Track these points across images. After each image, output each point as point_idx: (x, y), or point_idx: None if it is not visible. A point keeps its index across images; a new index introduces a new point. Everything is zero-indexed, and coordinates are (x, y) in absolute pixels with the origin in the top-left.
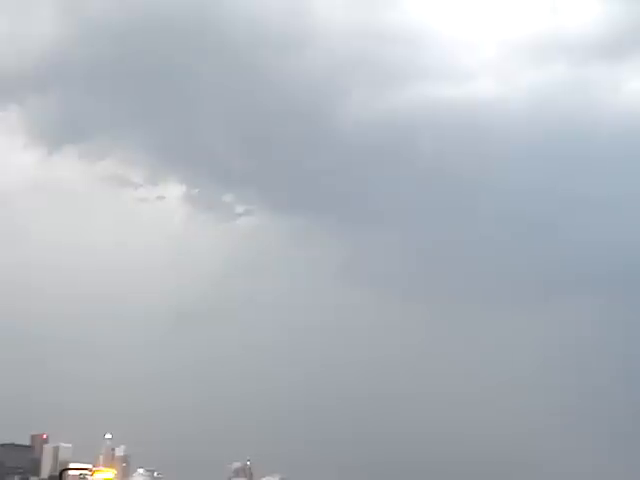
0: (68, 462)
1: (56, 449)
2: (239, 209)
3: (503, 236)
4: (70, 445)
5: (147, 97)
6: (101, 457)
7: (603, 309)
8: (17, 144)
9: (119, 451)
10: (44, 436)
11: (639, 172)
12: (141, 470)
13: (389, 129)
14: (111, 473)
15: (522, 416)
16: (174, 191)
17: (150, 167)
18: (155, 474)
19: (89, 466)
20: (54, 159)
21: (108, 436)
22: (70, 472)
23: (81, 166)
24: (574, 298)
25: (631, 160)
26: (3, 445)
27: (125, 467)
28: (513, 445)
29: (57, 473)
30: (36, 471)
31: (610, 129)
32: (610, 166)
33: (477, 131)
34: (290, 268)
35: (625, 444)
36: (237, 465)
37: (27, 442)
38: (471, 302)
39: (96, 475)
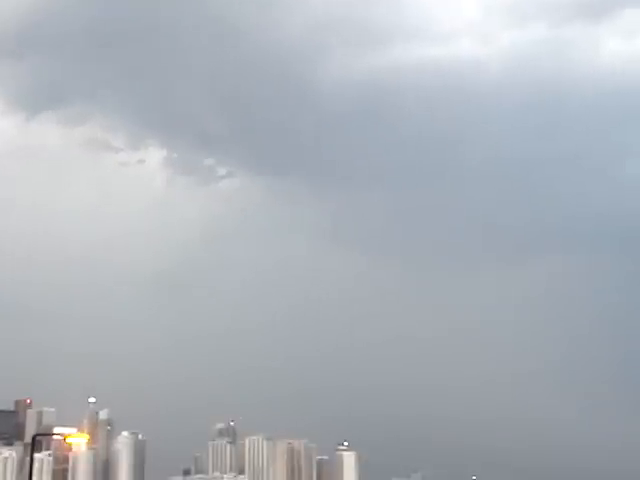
0: (52, 426)
1: (40, 414)
2: (221, 172)
3: (486, 194)
4: (54, 409)
5: (126, 61)
6: (85, 421)
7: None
8: None
9: (103, 414)
10: (28, 401)
11: (617, 130)
12: (125, 433)
13: (372, 90)
14: (84, 438)
15: (505, 369)
16: (155, 155)
17: (130, 132)
18: (139, 437)
19: (72, 430)
20: (32, 125)
21: (91, 400)
22: (45, 436)
23: (60, 131)
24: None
25: (609, 118)
26: None
27: (109, 430)
28: (497, 400)
29: (41, 437)
30: (20, 436)
31: (590, 88)
32: (589, 125)
33: (459, 91)
34: (272, 230)
35: (605, 394)
36: (220, 426)
37: (11, 407)
38: (453, 261)
39: (69, 440)
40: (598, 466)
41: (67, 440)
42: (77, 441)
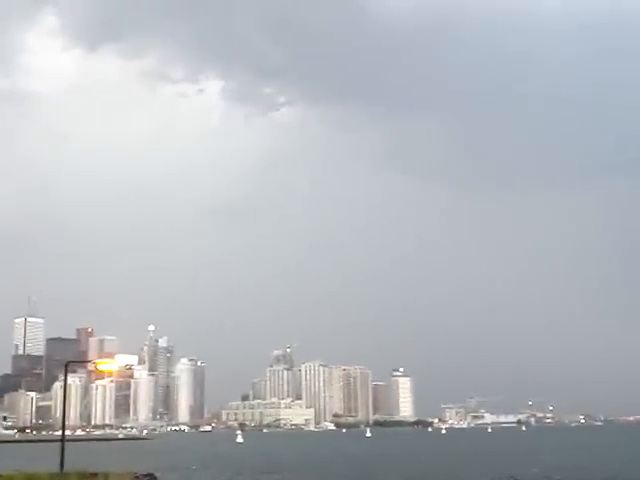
0: (113, 354)
1: (101, 342)
2: (280, 100)
3: (549, 119)
4: (115, 338)
5: None
6: (145, 348)
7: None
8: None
9: (162, 342)
10: (89, 329)
11: None
12: (184, 360)
13: (433, 9)
14: (114, 365)
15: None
16: (213, 86)
17: (189, 63)
18: (198, 363)
19: (133, 357)
20: (92, 59)
21: (151, 328)
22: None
23: (119, 65)
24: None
25: None
26: (51, 339)
27: (169, 357)
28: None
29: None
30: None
31: None
32: None
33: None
34: (332, 157)
35: None
36: (278, 352)
37: (73, 336)
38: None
39: (99, 367)
40: None
41: (98, 367)
42: (107, 368)
